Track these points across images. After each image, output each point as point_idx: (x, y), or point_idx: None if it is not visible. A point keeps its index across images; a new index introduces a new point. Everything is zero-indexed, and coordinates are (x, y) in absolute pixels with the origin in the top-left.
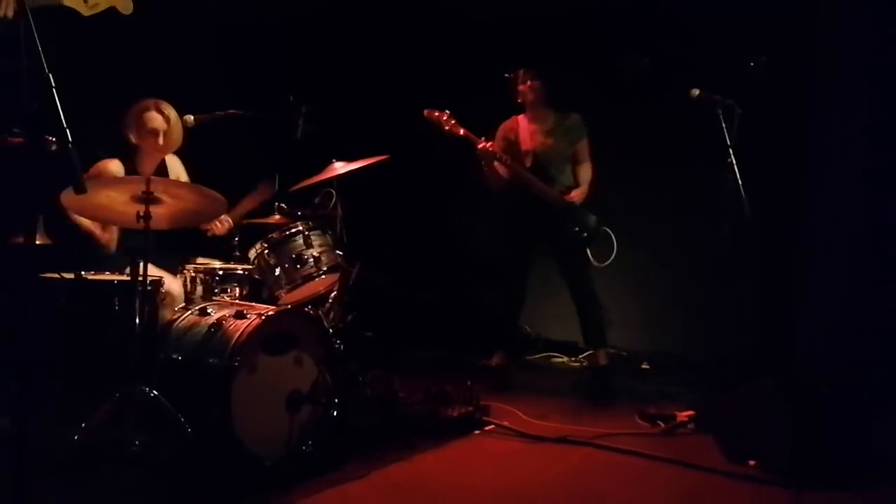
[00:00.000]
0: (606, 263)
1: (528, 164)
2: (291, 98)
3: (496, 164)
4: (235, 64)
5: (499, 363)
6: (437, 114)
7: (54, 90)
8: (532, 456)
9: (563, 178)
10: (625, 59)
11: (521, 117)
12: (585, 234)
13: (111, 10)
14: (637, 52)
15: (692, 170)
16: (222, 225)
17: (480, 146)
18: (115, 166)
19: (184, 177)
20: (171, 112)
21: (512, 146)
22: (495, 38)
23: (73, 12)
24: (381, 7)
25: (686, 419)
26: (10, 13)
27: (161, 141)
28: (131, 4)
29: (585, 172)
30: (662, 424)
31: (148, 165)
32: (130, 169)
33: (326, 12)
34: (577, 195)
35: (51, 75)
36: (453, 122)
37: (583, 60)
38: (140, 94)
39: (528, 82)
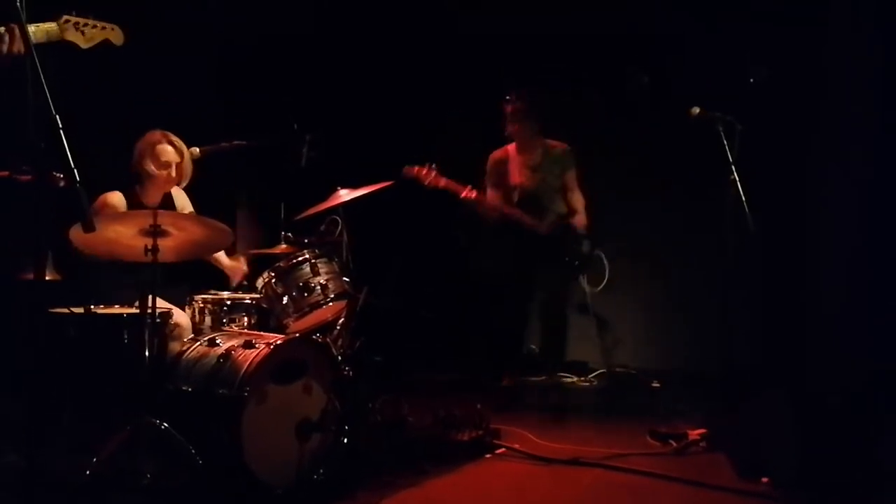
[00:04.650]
0: (600, 288)
1: (518, 197)
2: (295, 126)
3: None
4: (238, 94)
5: (508, 383)
6: (415, 170)
7: (61, 130)
8: (544, 478)
9: (553, 208)
10: (624, 76)
11: (510, 147)
12: (577, 263)
13: (105, 43)
14: (636, 69)
15: (695, 186)
16: (240, 273)
17: (463, 195)
18: (116, 199)
19: (189, 209)
20: (182, 145)
21: (502, 179)
22: (498, 60)
23: (71, 48)
24: (384, 33)
25: (698, 437)
26: (24, 48)
27: (174, 173)
28: (122, 36)
29: (579, 201)
30: (674, 443)
31: (153, 197)
32: (133, 201)
33: (328, 39)
34: (580, 222)
35: (57, 116)
36: (433, 174)
37: (584, 79)
38: (145, 127)
39: (515, 125)
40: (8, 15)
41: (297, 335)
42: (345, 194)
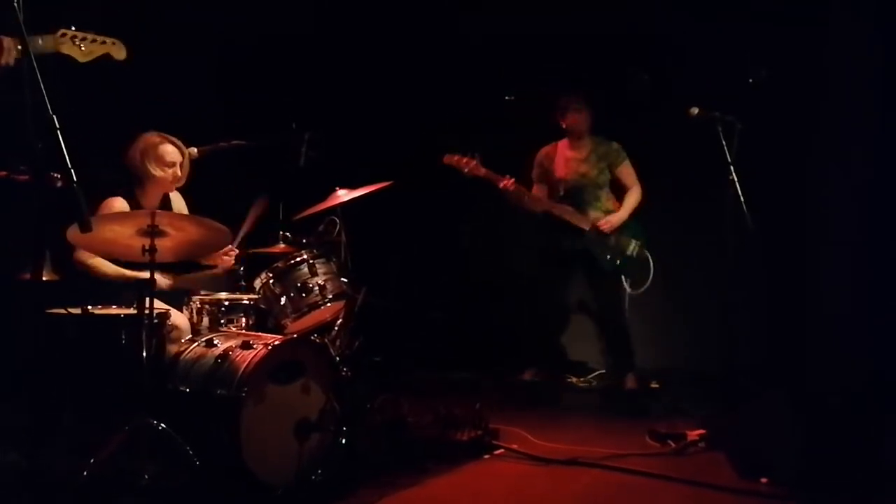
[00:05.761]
0: (641, 290)
1: (561, 190)
2: (294, 125)
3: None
4: (238, 94)
5: (532, 378)
6: (455, 159)
7: (59, 131)
8: (543, 479)
9: (598, 205)
10: (624, 76)
11: (561, 143)
12: (618, 262)
13: (106, 57)
14: (636, 69)
15: (695, 186)
16: (230, 257)
17: (501, 185)
18: (119, 204)
19: (185, 212)
20: (181, 144)
21: (546, 173)
22: (498, 60)
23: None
24: (384, 33)
25: (697, 438)
26: (12, 61)
27: (179, 172)
28: (124, 50)
29: (629, 198)
30: (673, 444)
31: (152, 200)
32: (133, 204)
33: (328, 39)
34: (604, 223)
35: (55, 117)
36: (473, 163)
37: (584, 79)
38: (144, 128)
39: (571, 111)
40: (5, 27)
41: (295, 336)
42: (343, 195)
